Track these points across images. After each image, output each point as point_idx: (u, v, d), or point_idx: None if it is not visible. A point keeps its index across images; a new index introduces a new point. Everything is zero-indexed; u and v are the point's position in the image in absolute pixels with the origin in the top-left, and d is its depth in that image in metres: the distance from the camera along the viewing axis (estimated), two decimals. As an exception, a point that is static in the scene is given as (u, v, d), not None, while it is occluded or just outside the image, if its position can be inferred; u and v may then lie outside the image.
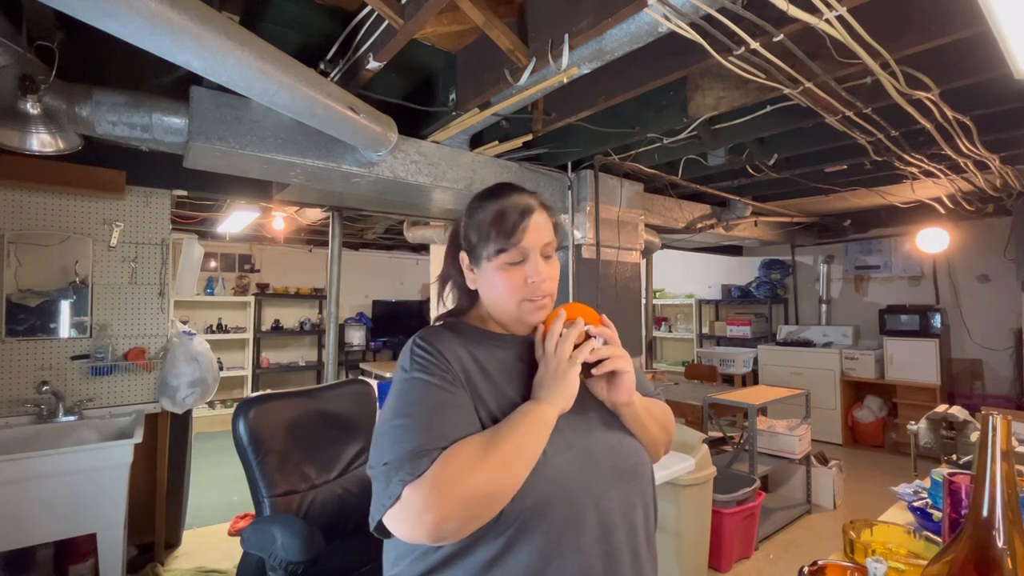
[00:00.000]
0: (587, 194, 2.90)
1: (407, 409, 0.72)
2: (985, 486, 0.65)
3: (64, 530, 1.95)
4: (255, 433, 1.50)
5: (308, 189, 2.66)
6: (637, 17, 1.37)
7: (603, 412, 0.84)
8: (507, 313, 0.83)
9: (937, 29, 1.52)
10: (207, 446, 4.67)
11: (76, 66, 1.80)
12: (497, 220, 0.81)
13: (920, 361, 4.50)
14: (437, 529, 0.64)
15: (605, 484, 0.75)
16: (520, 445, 0.69)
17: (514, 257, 0.80)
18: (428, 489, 0.64)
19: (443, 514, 0.63)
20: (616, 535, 0.74)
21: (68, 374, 2.42)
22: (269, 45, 1.42)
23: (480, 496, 0.65)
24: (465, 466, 0.65)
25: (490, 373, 0.79)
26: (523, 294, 0.81)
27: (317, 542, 1.30)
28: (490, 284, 0.83)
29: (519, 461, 0.68)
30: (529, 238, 0.81)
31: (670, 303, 6.74)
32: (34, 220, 2.38)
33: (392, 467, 0.67)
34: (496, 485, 0.66)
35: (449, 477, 0.64)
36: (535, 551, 0.68)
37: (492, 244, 0.81)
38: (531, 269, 0.81)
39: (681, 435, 2.44)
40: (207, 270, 6.04)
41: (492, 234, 0.80)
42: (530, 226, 0.81)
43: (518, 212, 0.81)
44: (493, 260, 0.81)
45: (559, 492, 0.71)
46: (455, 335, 0.82)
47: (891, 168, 2.91)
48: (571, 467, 0.73)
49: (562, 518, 0.70)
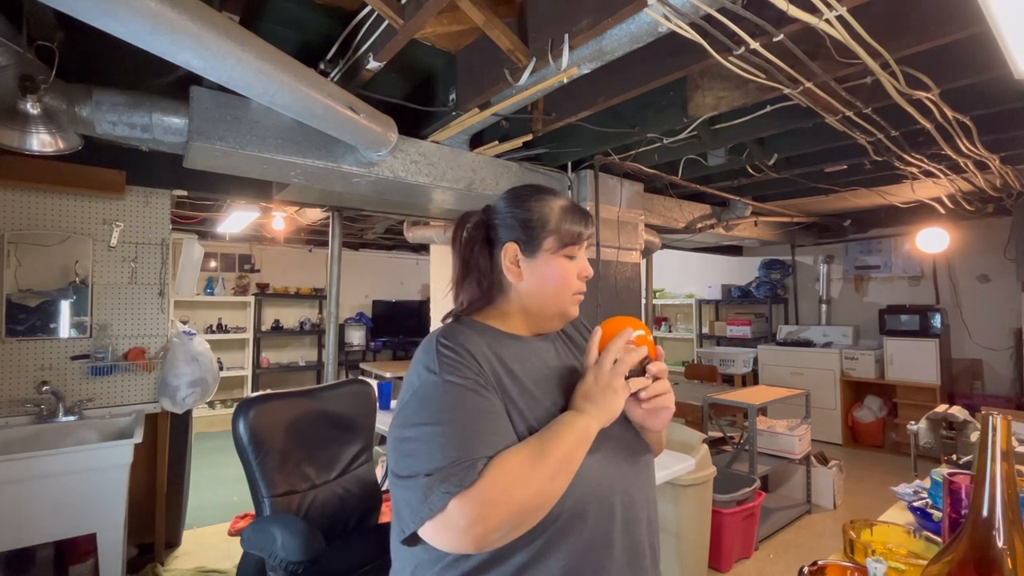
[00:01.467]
0: (587, 194, 2.89)
1: (443, 415, 0.69)
2: (985, 486, 0.65)
3: (64, 530, 1.94)
4: (255, 433, 1.50)
5: (308, 189, 2.66)
6: (637, 17, 1.37)
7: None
8: (555, 305, 0.85)
9: (937, 29, 1.51)
10: (207, 446, 4.67)
11: (76, 66, 1.80)
12: (568, 216, 0.85)
13: (920, 361, 4.50)
14: (484, 540, 0.63)
15: (628, 480, 0.78)
16: (567, 458, 0.69)
17: (574, 252, 0.85)
18: (477, 503, 0.62)
19: (492, 526, 0.63)
20: (638, 528, 0.77)
21: (68, 374, 2.42)
22: (269, 45, 1.42)
23: (528, 509, 0.65)
24: (517, 479, 0.65)
25: (518, 376, 0.78)
26: (575, 287, 0.85)
27: (317, 542, 1.30)
28: (545, 276, 0.83)
29: (566, 473, 0.69)
30: (590, 235, 0.88)
31: (670, 303, 6.74)
32: (34, 220, 2.38)
33: (436, 478, 0.64)
34: (544, 497, 0.67)
35: (499, 490, 0.63)
36: (571, 551, 0.69)
37: (561, 236, 0.83)
38: (583, 264, 0.86)
39: (681, 435, 2.44)
40: (207, 270, 6.04)
41: (563, 227, 0.84)
42: (591, 225, 0.88)
43: (581, 211, 0.87)
44: (559, 252, 0.84)
45: (594, 491, 0.73)
46: (478, 335, 0.79)
47: (891, 168, 2.91)
48: (601, 465, 0.75)
49: (596, 516, 0.72)
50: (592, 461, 0.73)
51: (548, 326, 0.88)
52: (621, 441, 0.80)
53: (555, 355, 0.87)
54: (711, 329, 6.22)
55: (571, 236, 0.84)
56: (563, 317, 0.87)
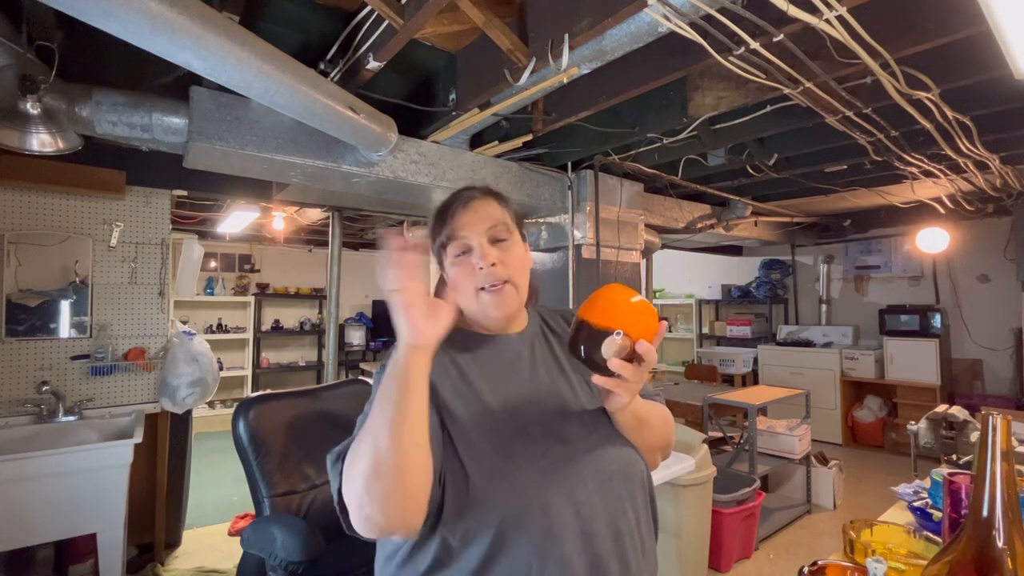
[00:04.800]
0: (587, 194, 2.89)
1: (360, 419, 0.72)
2: (985, 486, 0.65)
3: (64, 530, 1.94)
4: (255, 433, 1.50)
5: (308, 189, 2.66)
6: (637, 17, 1.37)
7: (590, 413, 0.80)
8: (471, 308, 0.81)
9: (937, 29, 1.51)
10: (207, 446, 4.67)
11: (76, 66, 1.80)
12: (438, 217, 0.82)
13: (920, 361, 4.50)
14: (358, 520, 0.63)
15: (587, 489, 0.71)
16: (381, 405, 0.64)
17: (459, 247, 0.80)
18: (343, 484, 0.64)
19: (352, 500, 0.63)
20: (599, 542, 0.70)
21: (68, 374, 2.42)
22: (269, 45, 1.42)
23: (370, 472, 0.61)
24: (354, 450, 0.65)
25: (465, 371, 0.78)
26: (477, 283, 0.79)
27: (317, 542, 1.30)
28: (452, 282, 0.82)
29: (384, 419, 0.63)
30: (467, 224, 0.80)
31: (670, 303, 6.74)
32: (34, 220, 2.38)
33: (337, 470, 0.68)
34: (376, 453, 0.61)
35: (348, 464, 0.64)
36: (518, 563, 0.66)
37: (439, 240, 0.82)
38: (476, 255, 0.79)
39: (681, 435, 2.44)
40: (207, 270, 6.04)
41: (436, 231, 0.82)
42: (467, 212, 0.80)
43: (456, 203, 0.82)
44: (447, 258, 0.82)
45: (536, 500, 0.68)
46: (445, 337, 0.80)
47: (891, 168, 2.91)
48: (546, 474, 0.70)
49: (542, 528, 0.67)
50: (535, 470, 0.70)
51: (493, 326, 0.84)
52: (583, 449, 0.74)
53: (528, 355, 0.85)
54: (711, 329, 6.22)
55: (443, 236, 0.81)
56: (488, 317, 0.81)
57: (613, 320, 0.67)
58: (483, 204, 0.82)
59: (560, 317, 0.95)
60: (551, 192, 2.88)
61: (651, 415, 0.82)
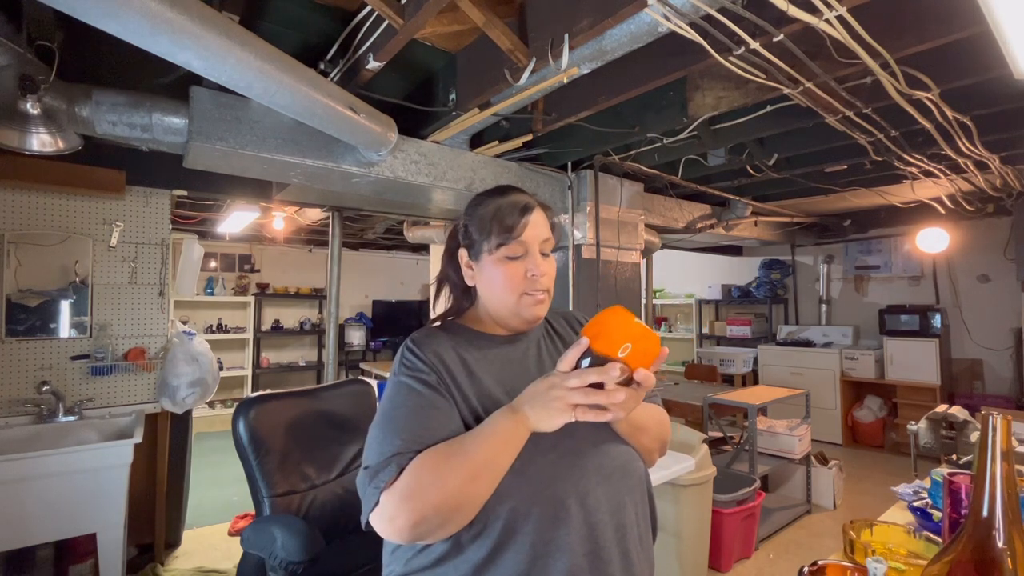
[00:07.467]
0: (587, 194, 2.89)
1: (390, 413, 0.74)
2: (985, 486, 0.65)
3: (64, 530, 1.94)
4: (255, 433, 1.50)
5: (308, 189, 2.66)
6: (637, 17, 1.37)
7: None
8: (506, 307, 0.84)
9: (937, 29, 1.51)
10: (207, 446, 4.67)
11: (76, 66, 1.80)
12: (498, 215, 0.83)
13: (920, 361, 4.50)
14: (410, 532, 0.67)
15: (591, 482, 0.74)
16: (490, 460, 0.68)
17: (515, 251, 0.83)
18: (398, 498, 0.67)
19: (414, 520, 0.66)
20: (603, 533, 0.73)
21: (68, 374, 2.42)
22: (269, 45, 1.42)
23: (447, 507, 0.66)
24: (431, 477, 0.67)
25: (476, 373, 0.80)
26: (523, 287, 0.82)
27: (317, 542, 1.30)
28: (490, 278, 0.84)
29: (490, 474, 0.69)
30: (529, 233, 0.83)
31: (670, 303, 6.74)
32: (34, 220, 2.38)
33: (371, 472, 0.70)
34: (464, 498, 0.67)
35: (416, 487, 0.66)
36: (524, 551, 0.69)
37: (494, 238, 0.83)
38: (531, 263, 0.83)
39: (681, 435, 2.44)
40: (207, 270, 6.04)
41: (494, 228, 0.83)
42: (530, 222, 0.83)
43: (518, 208, 0.84)
44: (494, 254, 0.83)
45: (544, 492, 0.71)
46: (449, 336, 0.83)
47: (891, 168, 2.91)
48: (556, 467, 0.74)
49: (548, 518, 0.70)
50: (545, 463, 0.73)
51: (515, 326, 0.86)
52: (589, 443, 0.77)
53: (535, 353, 0.88)
54: (711, 329, 6.22)
55: (502, 236, 0.82)
56: (520, 318, 0.84)
57: (614, 348, 0.68)
58: (539, 215, 0.86)
59: (562, 318, 0.99)
60: (551, 192, 2.88)
61: (648, 422, 0.84)
